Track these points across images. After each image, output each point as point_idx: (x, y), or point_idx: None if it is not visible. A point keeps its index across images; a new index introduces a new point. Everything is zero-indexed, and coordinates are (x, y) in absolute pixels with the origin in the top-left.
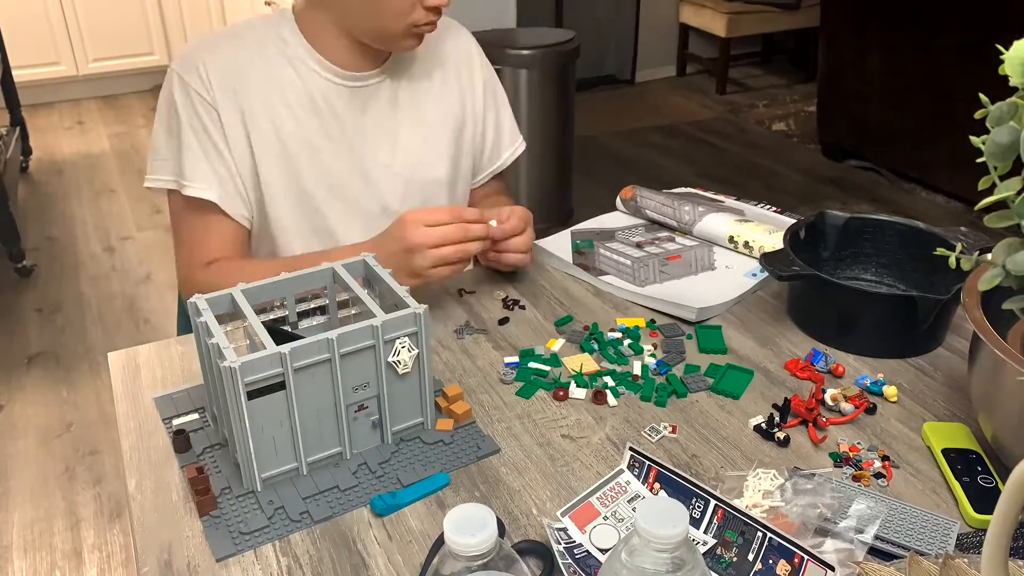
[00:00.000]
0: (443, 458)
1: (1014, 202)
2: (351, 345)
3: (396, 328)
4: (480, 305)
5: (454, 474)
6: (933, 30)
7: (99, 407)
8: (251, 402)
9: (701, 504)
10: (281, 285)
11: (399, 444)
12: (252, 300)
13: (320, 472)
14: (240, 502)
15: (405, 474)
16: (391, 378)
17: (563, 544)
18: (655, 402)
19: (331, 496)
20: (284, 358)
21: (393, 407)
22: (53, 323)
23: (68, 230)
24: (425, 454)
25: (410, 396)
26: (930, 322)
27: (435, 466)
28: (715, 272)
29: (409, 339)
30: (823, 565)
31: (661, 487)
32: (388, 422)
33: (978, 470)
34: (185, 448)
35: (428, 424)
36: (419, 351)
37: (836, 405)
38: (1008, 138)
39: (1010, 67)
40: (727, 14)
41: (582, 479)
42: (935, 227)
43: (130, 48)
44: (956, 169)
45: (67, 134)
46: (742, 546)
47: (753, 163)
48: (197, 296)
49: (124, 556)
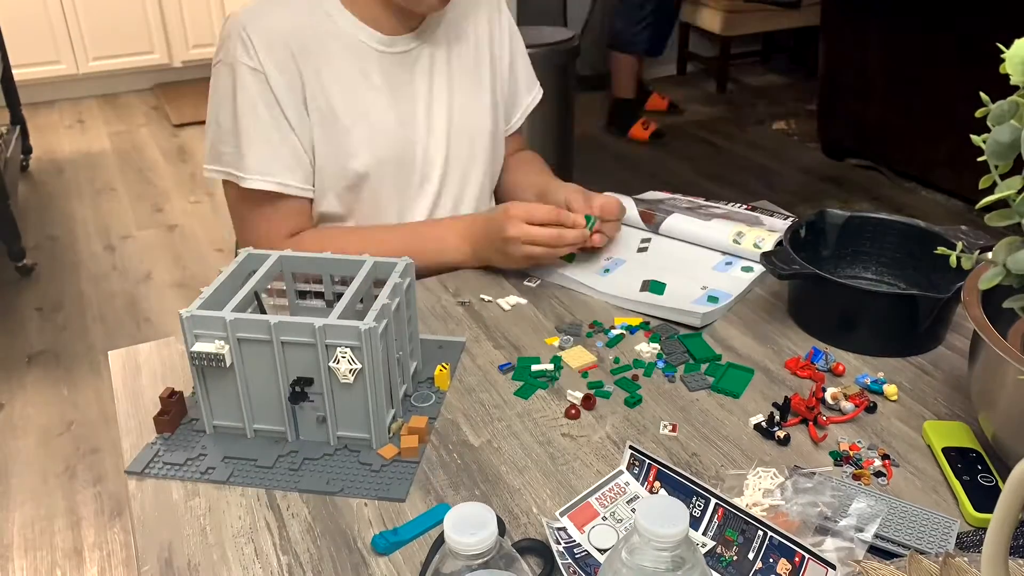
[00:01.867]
0: (352, 481)
1: (1015, 201)
2: (292, 336)
3: (337, 336)
4: (480, 304)
5: (454, 472)
6: (933, 28)
7: (99, 406)
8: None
9: (701, 503)
10: (317, 262)
11: (341, 449)
12: (290, 268)
13: (264, 442)
14: (191, 436)
15: (310, 479)
16: (335, 383)
17: (563, 544)
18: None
19: (244, 466)
20: (227, 324)
21: (340, 412)
22: (54, 322)
23: (68, 229)
24: (345, 470)
25: (356, 408)
26: (931, 321)
27: (339, 484)
28: (727, 273)
29: (352, 352)
30: (824, 564)
31: (661, 486)
32: (332, 424)
33: (978, 469)
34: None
35: (374, 443)
36: (362, 367)
37: (836, 404)
38: (1009, 137)
39: (1010, 65)
40: (727, 12)
41: (582, 478)
42: (935, 226)
43: (130, 47)
44: (956, 168)
45: (67, 133)
46: (742, 545)
47: (753, 162)
48: (245, 248)
49: (125, 555)
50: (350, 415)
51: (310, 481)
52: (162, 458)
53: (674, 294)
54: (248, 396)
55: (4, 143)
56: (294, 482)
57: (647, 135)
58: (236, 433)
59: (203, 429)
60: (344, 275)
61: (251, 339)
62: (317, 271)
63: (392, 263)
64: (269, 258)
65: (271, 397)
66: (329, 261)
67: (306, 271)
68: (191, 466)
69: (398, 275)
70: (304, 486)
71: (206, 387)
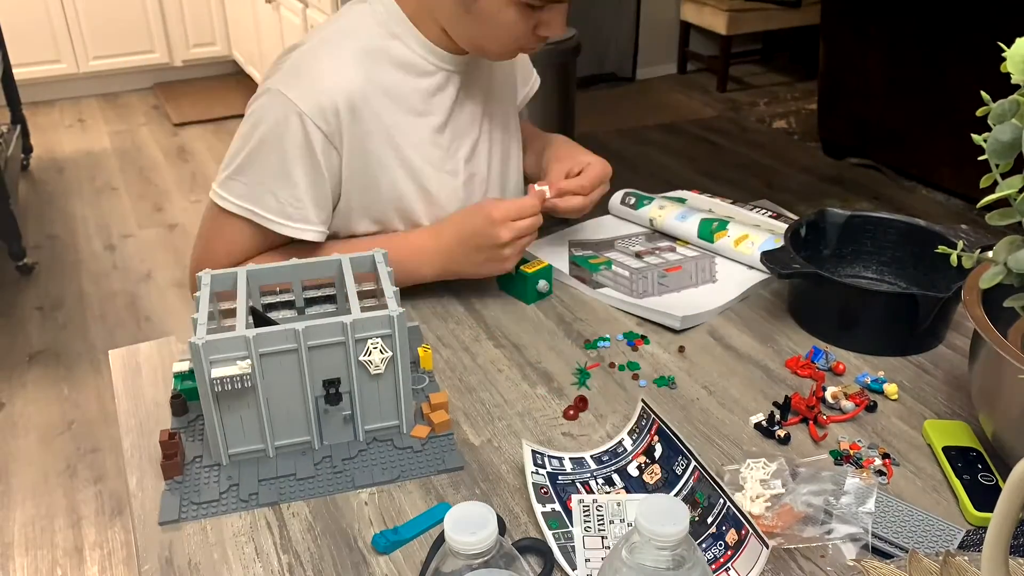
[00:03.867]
0: (404, 464)
1: (1015, 200)
2: (320, 339)
3: (368, 328)
4: (481, 304)
5: (456, 474)
6: (934, 27)
7: (100, 405)
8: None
9: (684, 463)
10: (287, 271)
11: (371, 443)
12: (257, 282)
13: (287, 457)
14: (205, 472)
15: (361, 474)
16: (364, 377)
17: (547, 468)
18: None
19: (286, 483)
20: (249, 342)
21: (367, 406)
22: (54, 321)
23: (69, 228)
24: (390, 457)
25: (386, 397)
26: (931, 320)
27: (395, 471)
28: (716, 284)
29: (383, 340)
30: (761, 542)
31: (659, 441)
32: (360, 420)
33: (978, 468)
34: (181, 412)
35: (404, 428)
36: (393, 354)
37: (837, 403)
38: (1009, 135)
39: (1011, 64)
40: (728, 11)
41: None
42: (936, 225)
43: (131, 46)
44: (957, 167)
45: (68, 132)
46: (706, 508)
47: (754, 161)
48: (203, 271)
49: (125, 554)
50: (376, 407)
51: (363, 476)
52: (190, 499)
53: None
54: (269, 413)
55: (5, 142)
56: (348, 482)
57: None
58: (254, 456)
59: (215, 463)
60: (320, 279)
61: (273, 352)
62: (287, 280)
63: (367, 256)
64: (238, 273)
65: (293, 408)
66: (299, 268)
67: (276, 281)
68: (228, 498)
69: (384, 264)
70: (360, 482)
71: (220, 415)
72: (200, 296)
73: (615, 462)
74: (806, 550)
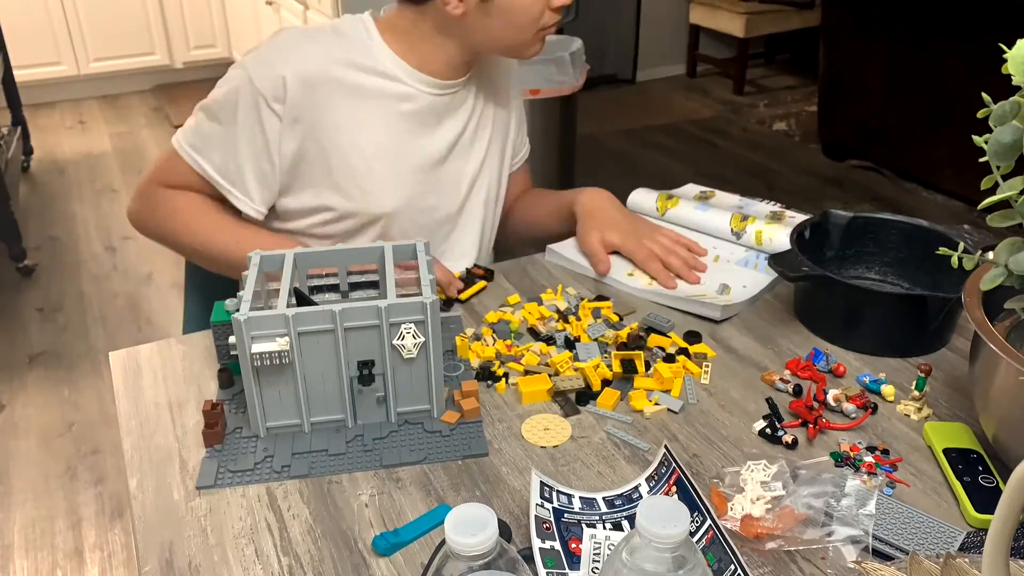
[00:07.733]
0: (432, 447)
1: (1016, 201)
2: (355, 321)
3: (402, 313)
4: (481, 304)
5: (455, 473)
6: (934, 29)
7: (100, 407)
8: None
9: (699, 519)
10: (333, 256)
11: (403, 425)
12: (305, 265)
13: (322, 433)
14: (243, 443)
15: (389, 454)
16: (397, 360)
17: (553, 503)
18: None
19: (318, 457)
20: (288, 320)
21: (400, 388)
22: (54, 323)
23: (69, 230)
24: (419, 440)
25: (418, 381)
26: (940, 321)
27: (421, 452)
28: (738, 274)
29: (416, 326)
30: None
31: (677, 492)
32: (393, 401)
33: (979, 470)
34: (227, 384)
35: (435, 412)
36: (426, 340)
37: (838, 405)
38: (1011, 137)
39: (1013, 66)
40: (745, 15)
41: (583, 479)
42: (938, 225)
43: (131, 48)
44: (957, 168)
45: (68, 134)
46: (716, 573)
47: (754, 163)
48: (254, 252)
49: (125, 555)
50: (409, 390)
51: (391, 456)
52: (227, 467)
53: (694, 289)
54: (306, 389)
55: (5, 144)
56: (376, 460)
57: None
58: (291, 431)
59: (253, 434)
60: (362, 264)
61: (311, 331)
62: (333, 264)
63: (409, 245)
64: (285, 256)
65: (329, 387)
66: (345, 253)
67: (322, 265)
68: (263, 468)
69: (424, 254)
70: (388, 461)
71: (260, 389)
72: (248, 275)
73: (628, 507)
74: (806, 552)
